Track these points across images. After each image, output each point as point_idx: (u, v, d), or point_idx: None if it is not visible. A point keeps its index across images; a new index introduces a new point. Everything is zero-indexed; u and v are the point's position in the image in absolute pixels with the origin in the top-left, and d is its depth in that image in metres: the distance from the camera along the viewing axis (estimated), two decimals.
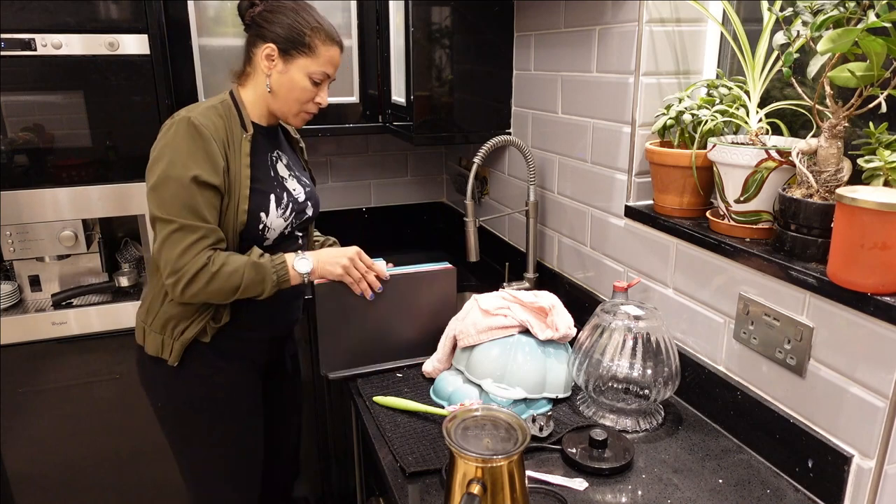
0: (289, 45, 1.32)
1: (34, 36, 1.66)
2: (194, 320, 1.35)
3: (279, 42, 1.32)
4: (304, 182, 1.49)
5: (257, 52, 1.34)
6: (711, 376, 1.26)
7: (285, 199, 1.40)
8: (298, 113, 1.39)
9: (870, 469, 0.97)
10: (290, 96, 1.36)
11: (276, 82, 1.35)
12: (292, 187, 1.44)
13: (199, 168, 1.24)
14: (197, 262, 1.24)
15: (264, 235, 1.36)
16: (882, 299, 0.90)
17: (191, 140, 1.25)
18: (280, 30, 1.32)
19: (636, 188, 1.46)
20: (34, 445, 1.89)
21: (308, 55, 1.33)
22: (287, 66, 1.34)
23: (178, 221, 1.24)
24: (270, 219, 1.36)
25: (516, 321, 1.34)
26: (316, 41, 1.33)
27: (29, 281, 1.92)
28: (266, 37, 1.33)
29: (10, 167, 1.73)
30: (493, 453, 0.88)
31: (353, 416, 1.56)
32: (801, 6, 1.01)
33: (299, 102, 1.37)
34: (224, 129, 1.30)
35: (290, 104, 1.37)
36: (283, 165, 1.44)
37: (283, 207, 1.39)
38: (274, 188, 1.38)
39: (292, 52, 1.33)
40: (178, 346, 1.35)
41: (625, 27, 1.41)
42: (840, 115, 1.01)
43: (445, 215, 2.64)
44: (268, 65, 1.34)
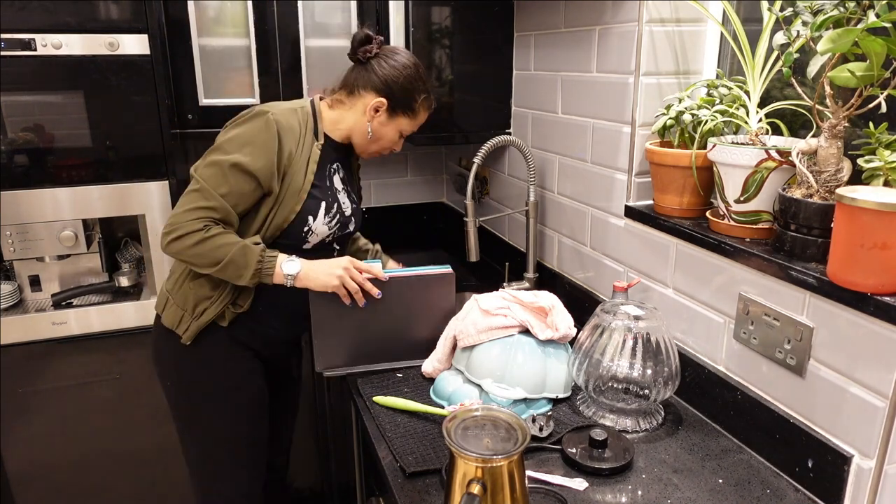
0: (398, 105, 1.41)
1: (34, 36, 1.66)
2: (215, 303, 1.38)
3: (391, 100, 1.40)
4: (353, 198, 1.54)
5: (365, 96, 1.40)
6: (711, 376, 1.26)
7: (335, 209, 1.45)
8: (373, 153, 1.50)
9: (870, 469, 0.97)
10: (377, 143, 1.46)
11: (376, 131, 1.44)
12: (343, 200, 1.48)
13: (246, 157, 1.29)
14: (194, 223, 1.29)
15: (306, 238, 1.41)
16: (882, 299, 0.90)
17: (257, 131, 1.31)
18: (396, 90, 1.39)
19: (636, 188, 1.46)
20: (34, 445, 1.89)
21: (410, 117, 1.44)
22: (388, 121, 1.43)
23: (201, 186, 1.30)
24: (317, 223, 1.40)
25: (516, 321, 1.34)
26: (421, 108, 1.45)
27: (29, 281, 1.92)
28: (380, 90, 1.39)
29: (10, 167, 1.73)
30: (493, 453, 0.88)
31: (353, 416, 1.56)
32: (801, 6, 1.01)
33: (381, 148, 1.49)
34: (298, 132, 1.36)
35: (374, 147, 1.47)
36: (339, 178, 1.49)
37: (331, 217, 1.44)
38: (328, 196, 1.43)
39: (399, 111, 1.42)
40: (194, 325, 1.39)
41: (625, 27, 1.41)
42: (840, 115, 1.01)
43: (445, 215, 2.64)
44: (373, 114, 1.41)
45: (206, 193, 1.29)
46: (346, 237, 1.54)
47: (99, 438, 1.94)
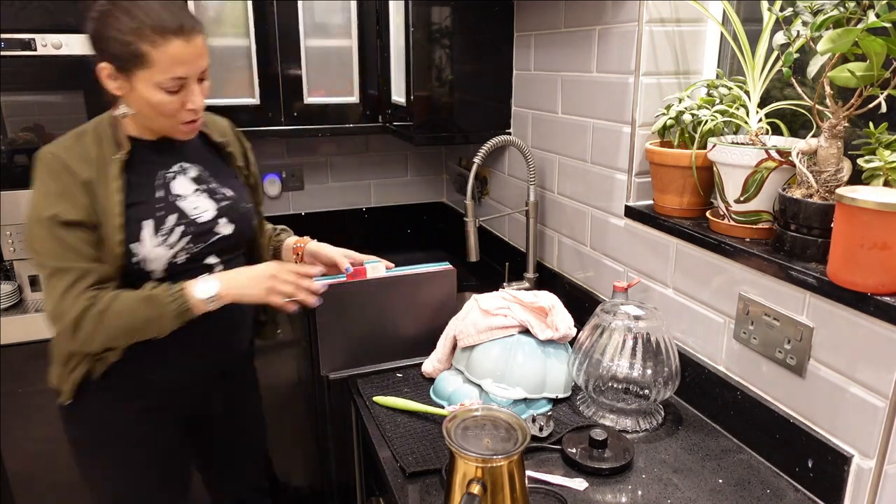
0: (120, 60, 1.10)
1: (34, 36, 1.66)
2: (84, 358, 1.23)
3: (112, 60, 1.11)
4: (219, 196, 1.29)
5: (100, 75, 1.14)
6: (711, 376, 1.26)
7: (170, 223, 1.20)
8: (175, 126, 1.19)
9: (870, 469, 0.97)
10: (151, 113, 1.16)
11: (132, 103, 1.16)
12: (193, 206, 1.24)
13: (56, 206, 1.11)
14: (77, 304, 1.10)
15: (144, 269, 1.18)
16: (882, 299, 0.90)
17: (44, 177, 1.13)
18: (107, 45, 1.10)
19: (636, 188, 1.45)
20: (34, 445, 1.89)
21: (144, 66, 1.09)
22: (132, 84, 1.12)
23: (50, 266, 1.12)
24: (146, 249, 1.17)
25: (516, 321, 1.34)
26: (145, 47, 1.08)
27: (29, 281, 1.92)
28: (97, 54, 1.12)
29: (10, 167, 1.73)
30: (493, 453, 0.88)
31: (353, 416, 1.56)
32: (801, 6, 1.01)
33: (165, 117, 1.16)
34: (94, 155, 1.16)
35: (159, 120, 1.17)
36: (186, 180, 1.25)
37: (166, 233, 1.20)
38: (154, 212, 1.19)
39: (128, 66, 1.10)
40: (70, 382, 1.24)
41: (625, 27, 1.41)
42: (840, 115, 1.01)
43: (445, 215, 2.64)
44: (114, 86, 1.14)
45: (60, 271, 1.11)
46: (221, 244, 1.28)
47: None
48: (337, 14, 2.03)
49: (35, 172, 1.15)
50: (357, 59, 2.09)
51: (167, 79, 1.11)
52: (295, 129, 2.07)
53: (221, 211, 1.28)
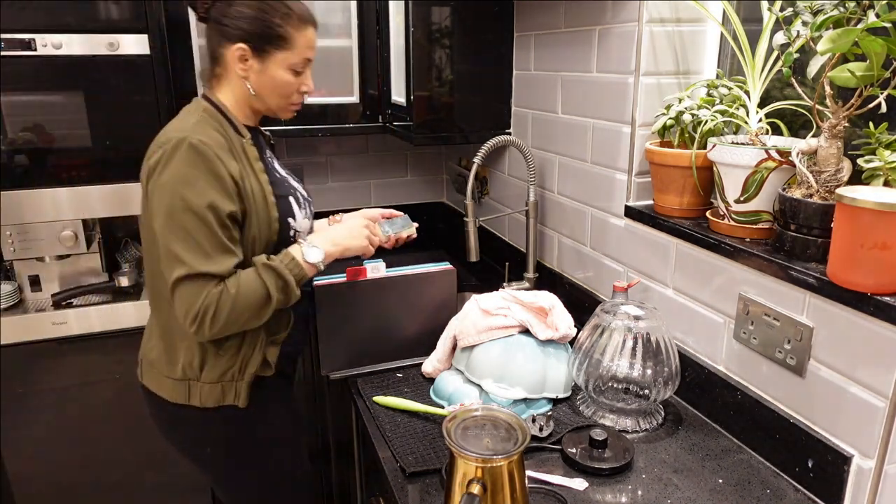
0: (261, 41, 1.19)
1: (34, 36, 1.66)
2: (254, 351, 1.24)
3: (250, 40, 1.18)
4: (294, 177, 1.40)
5: (226, 54, 1.20)
6: (711, 376, 1.26)
7: (301, 199, 1.32)
8: (287, 106, 1.29)
9: (870, 469, 0.97)
10: (274, 93, 1.25)
11: (257, 83, 1.23)
12: (296, 184, 1.36)
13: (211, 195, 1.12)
14: (212, 296, 1.11)
15: (295, 240, 1.27)
16: (882, 299, 0.90)
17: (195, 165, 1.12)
18: (247, 26, 1.17)
19: (636, 188, 1.45)
20: (34, 445, 1.89)
21: (285, 48, 1.20)
22: (265, 65, 1.21)
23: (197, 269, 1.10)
24: (298, 221, 1.28)
25: (516, 321, 1.34)
26: (290, 30, 1.20)
27: (29, 281, 1.92)
28: (232, 36, 1.18)
29: (10, 167, 1.73)
30: (493, 453, 0.88)
31: (353, 417, 1.56)
32: (801, 6, 1.01)
33: (285, 97, 1.27)
34: (225, 142, 1.18)
35: (278, 100, 1.26)
36: (278, 164, 1.36)
37: (303, 206, 1.32)
38: (288, 190, 1.29)
39: (267, 48, 1.19)
40: (243, 386, 1.24)
41: (625, 27, 1.40)
42: (840, 115, 1.01)
43: (445, 215, 2.64)
44: (243, 66, 1.21)
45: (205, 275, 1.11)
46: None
47: (99, 438, 1.94)
48: (337, 14, 2.03)
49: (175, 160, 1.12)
50: (357, 59, 2.09)
51: (300, 60, 1.23)
52: (295, 128, 2.07)
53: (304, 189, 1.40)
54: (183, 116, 1.24)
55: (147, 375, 1.31)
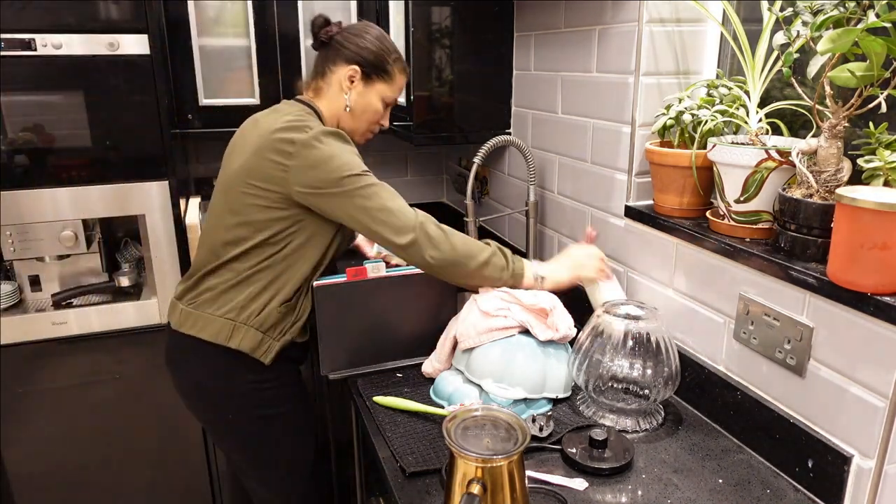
0: (372, 69, 1.42)
1: (34, 36, 1.66)
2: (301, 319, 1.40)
3: (364, 65, 1.41)
4: None
5: (337, 72, 1.42)
6: (711, 376, 1.26)
7: None
8: (365, 132, 1.50)
9: (870, 469, 0.97)
10: (363, 117, 1.46)
11: (354, 102, 1.43)
12: None
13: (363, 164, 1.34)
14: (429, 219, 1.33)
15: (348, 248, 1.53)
16: (882, 299, 0.90)
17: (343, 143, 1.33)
18: (367, 54, 1.41)
19: (636, 188, 1.46)
20: (34, 445, 1.89)
21: (386, 81, 1.44)
22: (366, 89, 1.43)
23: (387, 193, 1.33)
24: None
25: (516, 322, 1.33)
26: (395, 69, 1.45)
27: (29, 281, 1.92)
28: (350, 59, 1.41)
29: (10, 167, 1.73)
30: (493, 453, 0.88)
31: (353, 416, 1.56)
32: (801, 6, 1.01)
33: (369, 123, 1.48)
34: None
35: (362, 123, 1.47)
36: None
37: None
38: None
39: (374, 76, 1.43)
40: (276, 345, 1.38)
41: (625, 27, 1.41)
42: (840, 115, 1.01)
43: (445, 215, 2.64)
44: (349, 85, 1.42)
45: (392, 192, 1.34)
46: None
47: (99, 438, 1.94)
48: (337, 14, 2.03)
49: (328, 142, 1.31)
50: None
51: (391, 96, 1.48)
52: None
53: None
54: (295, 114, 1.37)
55: (190, 316, 1.38)
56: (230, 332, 1.35)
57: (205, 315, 1.36)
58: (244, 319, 1.35)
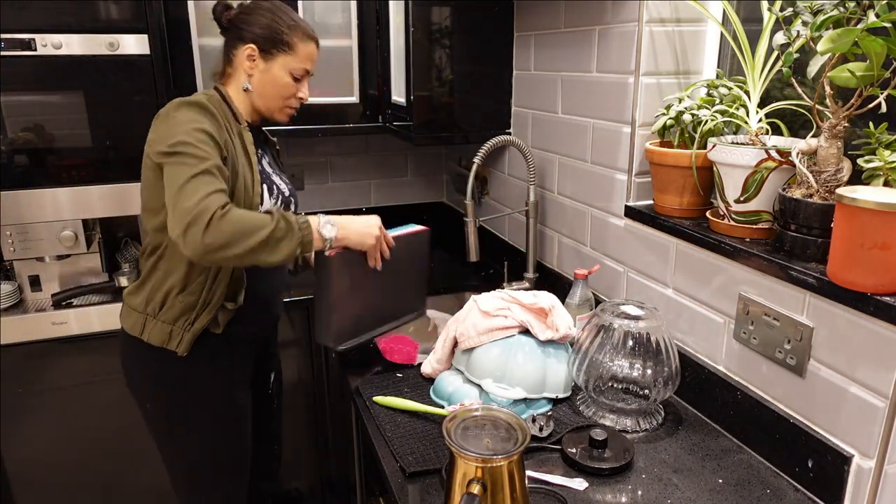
0: (268, 44, 1.37)
1: (34, 36, 1.66)
2: (207, 306, 1.34)
3: (259, 42, 1.36)
4: (285, 180, 1.52)
5: (237, 54, 1.38)
6: (711, 376, 1.26)
7: (276, 190, 1.43)
8: (283, 108, 1.43)
9: (870, 469, 0.97)
10: (273, 93, 1.40)
11: (259, 81, 1.38)
12: (277, 181, 1.47)
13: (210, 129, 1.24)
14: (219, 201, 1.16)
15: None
16: (882, 299, 0.90)
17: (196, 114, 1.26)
18: (259, 30, 1.36)
19: (636, 188, 1.46)
20: (34, 445, 1.89)
21: (288, 52, 1.38)
22: (268, 65, 1.38)
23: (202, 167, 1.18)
24: (265, 206, 1.37)
25: (516, 322, 1.34)
26: (294, 39, 1.38)
27: (29, 281, 1.92)
28: (245, 38, 1.37)
29: (10, 167, 1.73)
30: (493, 453, 0.88)
31: (353, 417, 1.56)
32: (801, 6, 1.01)
33: (282, 98, 1.41)
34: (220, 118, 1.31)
35: (274, 100, 1.41)
36: (266, 163, 1.47)
37: (275, 197, 1.42)
38: (264, 179, 1.41)
39: (272, 50, 1.37)
40: (188, 336, 1.35)
41: (625, 27, 1.41)
42: (840, 115, 1.01)
43: (445, 215, 2.64)
44: (250, 65, 1.37)
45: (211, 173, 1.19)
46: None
47: (99, 438, 1.94)
48: (337, 14, 2.03)
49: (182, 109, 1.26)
50: (357, 59, 2.09)
51: (299, 67, 1.40)
52: (295, 129, 2.07)
53: (290, 190, 1.51)
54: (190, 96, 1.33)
55: (122, 309, 1.44)
56: (142, 325, 1.37)
57: (126, 308, 1.42)
58: (152, 312, 1.36)
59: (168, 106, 1.28)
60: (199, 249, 1.15)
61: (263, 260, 1.21)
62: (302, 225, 1.25)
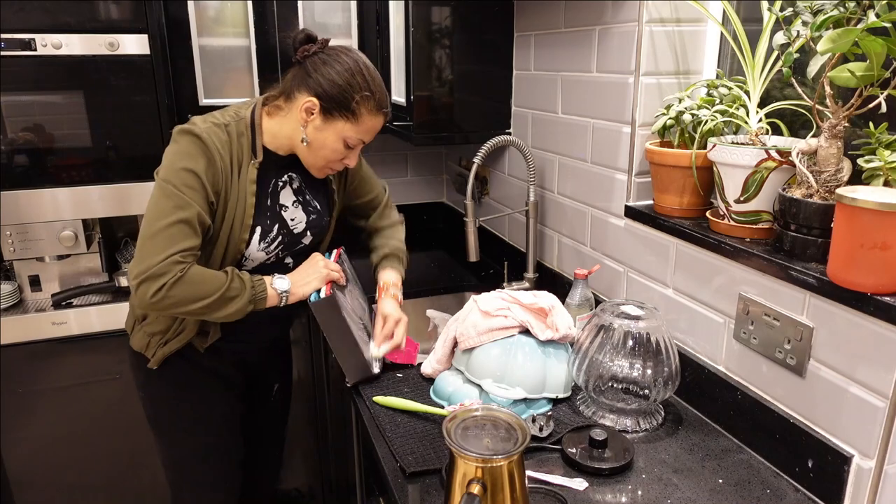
0: (332, 104, 1.25)
1: (34, 36, 1.66)
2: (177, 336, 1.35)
3: (323, 99, 1.25)
4: (310, 209, 1.43)
5: (298, 99, 1.27)
6: (711, 376, 1.26)
7: (275, 232, 1.36)
8: (323, 168, 1.36)
9: (870, 469, 0.97)
10: (319, 153, 1.31)
11: (310, 136, 1.29)
12: (290, 217, 1.39)
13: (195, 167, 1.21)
14: (174, 269, 1.17)
15: (242, 264, 1.35)
16: (882, 299, 0.90)
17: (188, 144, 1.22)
18: (328, 87, 1.24)
19: (636, 188, 1.46)
20: (34, 445, 1.89)
21: (349, 120, 1.27)
22: (325, 125, 1.27)
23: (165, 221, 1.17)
24: (250, 251, 1.34)
25: (516, 321, 1.34)
26: (362, 109, 1.26)
27: (29, 281, 1.92)
28: (312, 88, 1.25)
29: (10, 167, 1.73)
30: (493, 453, 0.88)
31: (353, 417, 1.56)
32: (801, 6, 1.01)
33: (327, 160, 1.33)
34: (228, 148, 1.26)
35: (318, 160, 1.33)
36: (290, 191, 1.39)
37: (269, 241, 1.35)
38: (264, 220, 1.34)
39: (334, 112, 1.26)
40: (160, 353, 1.36)
41: (625, 27, 1.41)
42: (840, 115, 1.01)
43: (445, 215, 2.64)
44: (306, 117, 1.27)
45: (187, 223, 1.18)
46: (301, 251, 1.44)
47: (99, 438, 1.94)
48: (337, 14, 2.03)
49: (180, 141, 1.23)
50: None
51: (355, 137, 1.30)
52: None
53: (309, 224, 1.43)
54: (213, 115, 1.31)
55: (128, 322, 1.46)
56: (132, 328, 1.42)
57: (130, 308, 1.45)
58: (139, 317, 1.39)
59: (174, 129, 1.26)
60: (146, 305, 1.18)
61: (212, 316, 1.24)
62: (256, 283, 1.28)
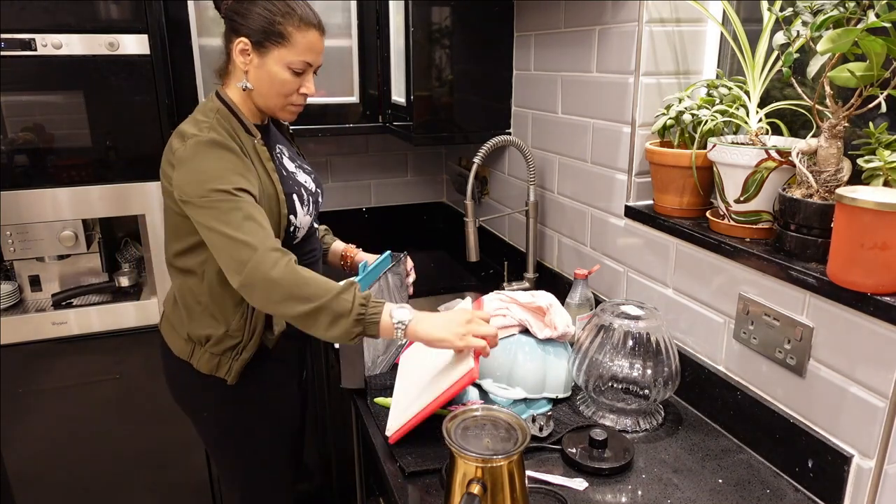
0: (260, 36, 1.24)
1: (34, 36, 1.66)
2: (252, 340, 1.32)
3: (251, 35, 1.24)
4: (307, 169, 1.45)
5: (233, 49, 1.27)
6: (711, 376, 1.26)
7: (304, 195, 1.37)
8: (285, 106, 1.31)
9: (870, 469, 0.97)
10: (271, 90, 1.28)
11: (255, 77, 1.27)
12: (303, 180, 1.40)
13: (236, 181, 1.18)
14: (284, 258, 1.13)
15: (295, 235, 1.35)
16: (882, 299, 0.90)
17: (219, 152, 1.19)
18: (251, 22, 1.24)
19: (636, 188, 1.46)
20: (34, 445, 1.89)
21: (282, 45, 1.24)
22: (262, 60, 1.25)
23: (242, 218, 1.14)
24: (299, 219, 1.33)
25: (516, 321, 1.34)
26: (289, 28, 1.24)
27: (29, 281, 1.92)
28: (239, 31, 1.25)
29: (10, 167, 1.73)
30: (493, 453, 0.88)
31: (354, 416, 1.56)
32: (801, 6, 1.01)
33: (282, 96, 1.29)
34: (232, 139, 1.25)
35: (274, 98, 1.29)
36: (287, 159, 1.40)
37: (307, 204, 1.37)
38: (293, 187, 1.34)
39: (266, 43, 1.24)
40: (236, 365, 1.33)
41: (625, 27, 1.41)
42: (840, 115, 1.01)
43: (445, 215, 2.64)
44: (244, 60, 1.26)
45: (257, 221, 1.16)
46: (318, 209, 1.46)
47: (99, 438, 1.94)
48: (337, 14, 2.03)
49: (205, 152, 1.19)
50: (357, 59, 2.09)
51: (298, 60, 1.26)
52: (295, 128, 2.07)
53: (314, 181, 1.45)
54: (198, 118, 1.28)
55: (164, 324, 1.43)
56: (191, 352, 1.35)
57: (168, 324, 1.40)
58: (199, 341, 1.34)
59: (187, 146, 1.20)
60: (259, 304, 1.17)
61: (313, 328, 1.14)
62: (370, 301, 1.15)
